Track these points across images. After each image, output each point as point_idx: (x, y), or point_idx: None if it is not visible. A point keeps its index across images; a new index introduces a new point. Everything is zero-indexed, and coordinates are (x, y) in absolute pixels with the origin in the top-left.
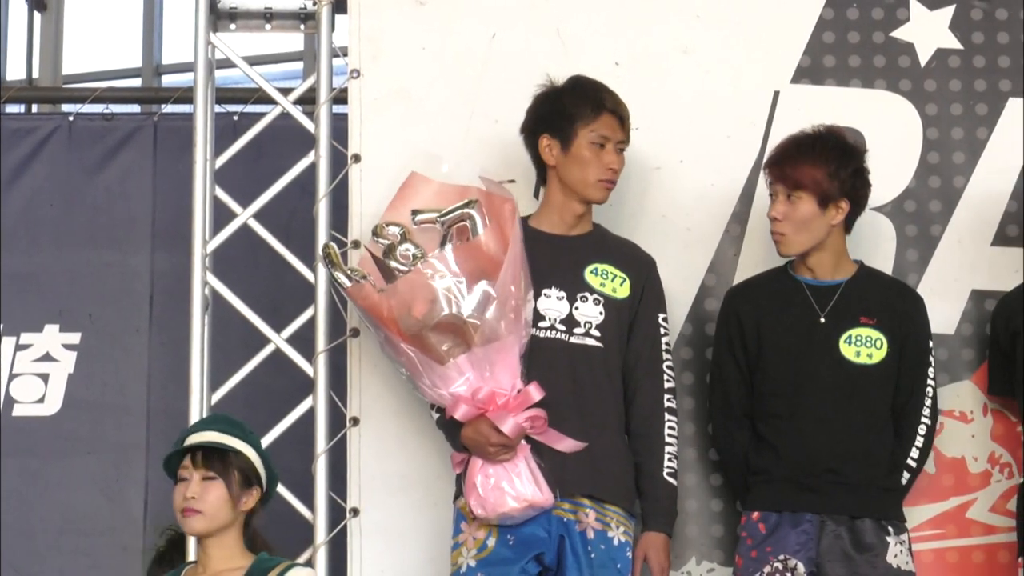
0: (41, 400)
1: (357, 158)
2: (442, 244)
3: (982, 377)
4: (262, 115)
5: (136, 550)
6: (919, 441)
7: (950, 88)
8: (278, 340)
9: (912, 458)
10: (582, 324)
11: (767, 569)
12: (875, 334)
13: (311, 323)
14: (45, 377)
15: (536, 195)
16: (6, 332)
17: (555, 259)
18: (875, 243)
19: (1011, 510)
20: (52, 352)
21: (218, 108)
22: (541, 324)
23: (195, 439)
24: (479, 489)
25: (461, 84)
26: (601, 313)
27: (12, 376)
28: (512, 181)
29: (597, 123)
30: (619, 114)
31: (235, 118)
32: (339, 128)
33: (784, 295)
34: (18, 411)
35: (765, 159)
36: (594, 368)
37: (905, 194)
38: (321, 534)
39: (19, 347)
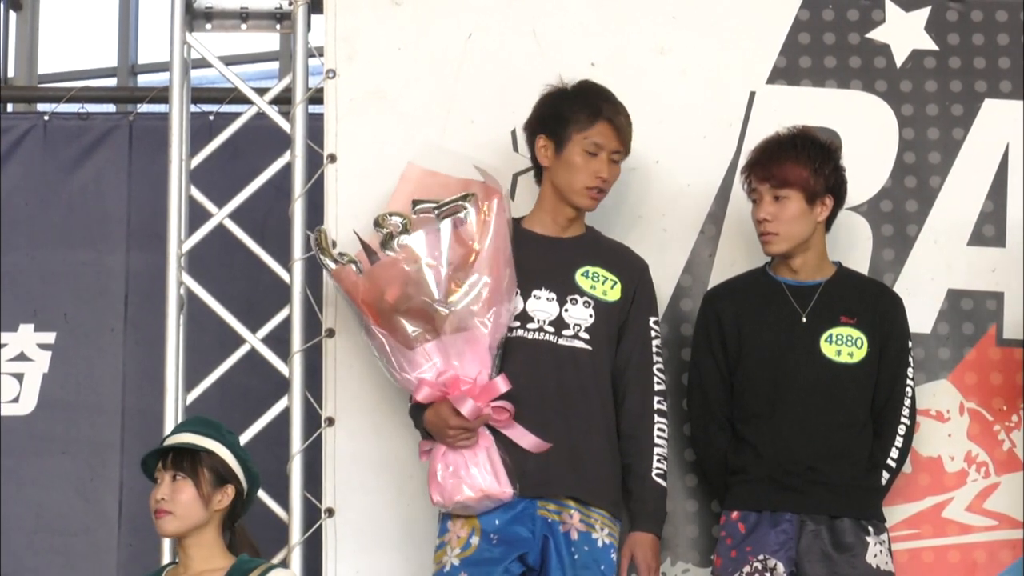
0: (16, 400)
1: (333, 158)
2: None
3: (959, 376)
4: (238, 115)
5: (110, 549)
6: (898, 441)
7: (926, 89)
8: (253, 340)
9: (892, 458)
10: (571, 326)
11: (746, 569)
12: (856, 333)
13: (286, 323)
14: (20, 377)
15: (511, 196)
16: None
17: (546, 260)
18: (851, 243)
19: (988, 509)
20: (27, 352)
21: (194, 108)
22: (530, 326)
23: (169, 442)
24: (438, 476)
25: (437, 84)
26: (591, 316)
27: None
28: None
29: (592, 131)
30: (616, 124)
31: (211, 118)
32: (315, 128)
33: (765, 296)
34: None
35: (745, 161)
36: (581, 370)
37: (881, 194)
38: (296, 534)
39: None
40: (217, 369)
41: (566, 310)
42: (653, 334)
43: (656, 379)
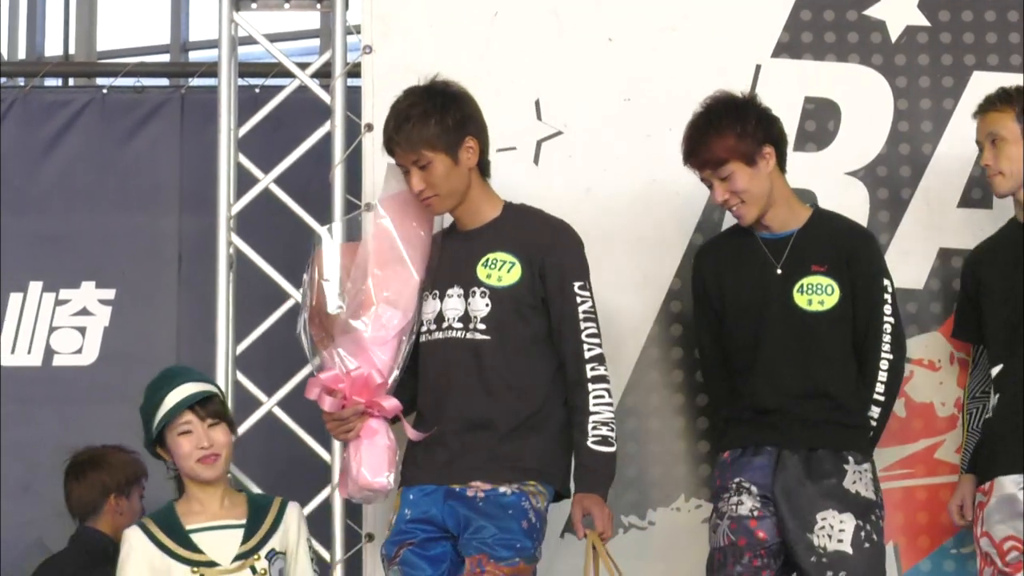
0: (79, 351)
1: (370, 127)
2: None
3: (949, 328)
4: (282, 88)
5: (168, 490)
6: (882, 376)
7: (919, 62)
8: (298, 296)
9: (878, 392)
10: (472, 319)
11: (726, 495)
12: (825, 280)
13: None
14: (83, 330)
15: (535, 161)
16: (46, 288)
17: (457, 257)
18: (849, 205)
19: None
20: (89, 307)
21: (241, 81)
22: (443, 325)
23: (185, 393)
24: (344, 473)
25: (466, 59)
26: (487, 305)
27: (52, 329)
28: (513, 148)
29: (393, 157)
30: (393, 143)
31: (256, 91)
32: (353, 100)
33: (743, 251)
34: (58, 361)
35: (682, 154)
36: (483, 362)
37: (877, 160)
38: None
39: (58, 302)
40: (264, 323)
41: (469, 304)
42: (579, 299)
43: (587, 346)
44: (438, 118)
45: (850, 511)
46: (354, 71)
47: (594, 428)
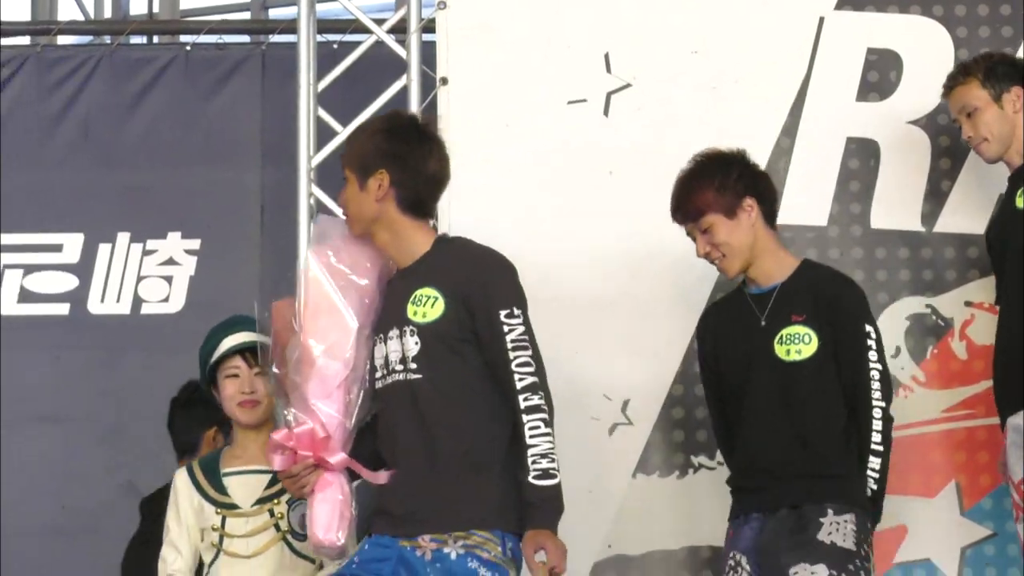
0: (166, 300)
1: (444, 81)
2: None
3: None
4: (359, 43)
5: None
6: (877, 424)
7: (978, 12)
8: None
9: (875, 443)
10: (408, 359)
11: (726, 568)
12: (803, 330)
13: None
14: (169, 279)
15: (605, 112)
16: (134, 239)
17: (393, 298)
18: (911, 153)
19: None
20: (175, 257)
21: (319, 37)
22: (388, 369)
23: (238, 340)
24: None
25: (538, 14)
26: (416, 343)
27: (140, 278)
28: (584, 100)
29: None
30: (342, 151)
31: (335, 46)
32: (428, 54)
33: (734, 308)
34: (145, 310)
35: (670, 212)
36: (420, 402)
37: (938, 109)
38: None
39: (146, 252)
40: None
41: (404, 344)
42: (506, 328)
43: (518, 376)
44: (362, 140)
45: (822, 562)
46: (429, 26)
47: (534, 463)
